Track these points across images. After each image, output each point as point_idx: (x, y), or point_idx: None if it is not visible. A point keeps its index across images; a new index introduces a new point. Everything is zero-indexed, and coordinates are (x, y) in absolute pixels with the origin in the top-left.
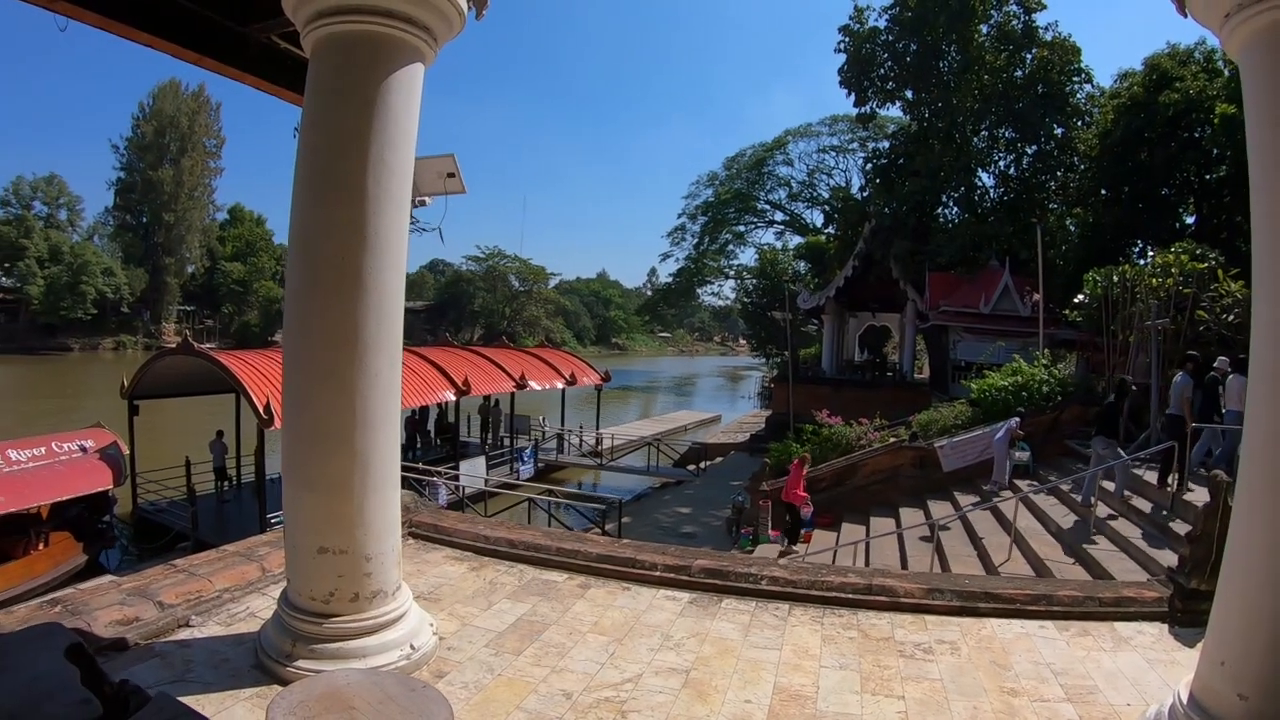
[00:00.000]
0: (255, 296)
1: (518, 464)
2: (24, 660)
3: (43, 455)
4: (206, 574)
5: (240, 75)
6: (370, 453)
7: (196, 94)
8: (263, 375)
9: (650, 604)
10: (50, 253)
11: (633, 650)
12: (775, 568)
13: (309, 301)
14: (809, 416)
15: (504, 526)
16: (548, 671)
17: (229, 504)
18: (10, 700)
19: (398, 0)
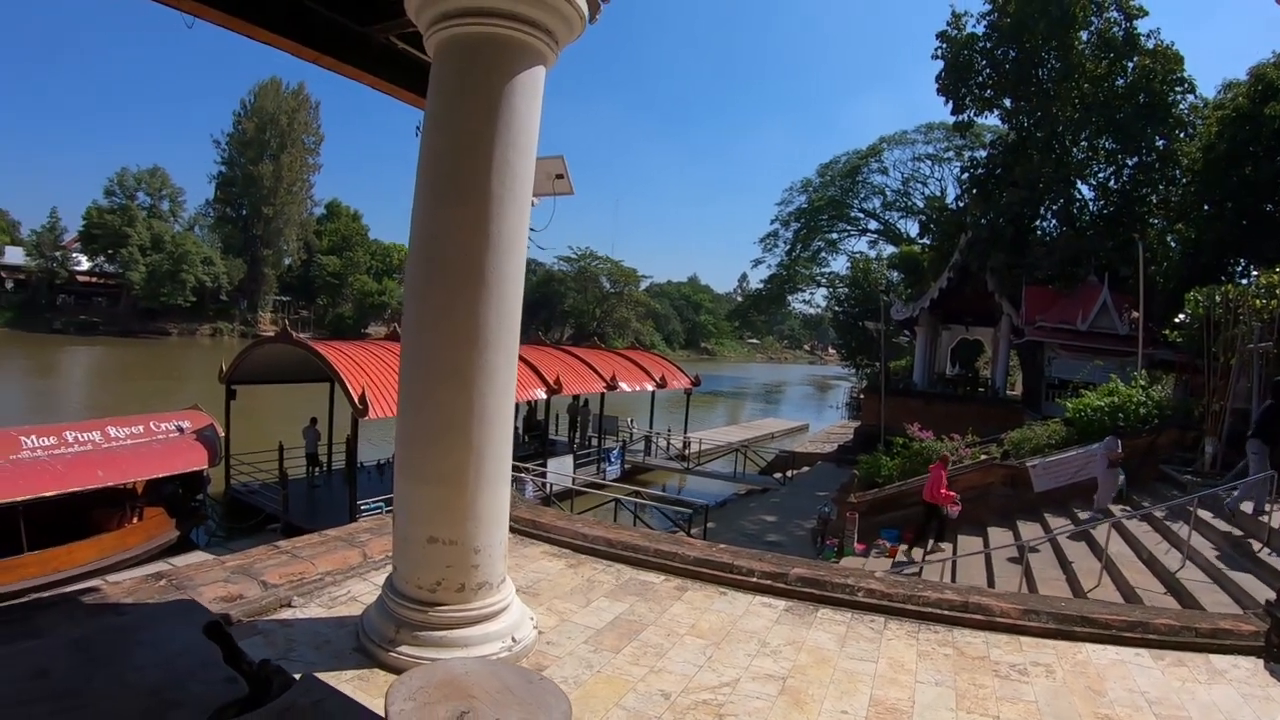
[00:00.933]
0: (350, 289)
1: (604, 464)
2: (162, 635)
3: (141, 434)
4: (309, 557)
5: (358, 74)
6: (485, 448)
7: (296, 92)
8: (359, 366)
9: (747, 610)
10: (152, 241)
11: (730, 655)
12: (872, 580)
13: (431, 299)
14: (899, 429)
15: (601, 525)
16: (646, 671)
17: (319, 489)
18: (154, 675)
19: (522, 3)
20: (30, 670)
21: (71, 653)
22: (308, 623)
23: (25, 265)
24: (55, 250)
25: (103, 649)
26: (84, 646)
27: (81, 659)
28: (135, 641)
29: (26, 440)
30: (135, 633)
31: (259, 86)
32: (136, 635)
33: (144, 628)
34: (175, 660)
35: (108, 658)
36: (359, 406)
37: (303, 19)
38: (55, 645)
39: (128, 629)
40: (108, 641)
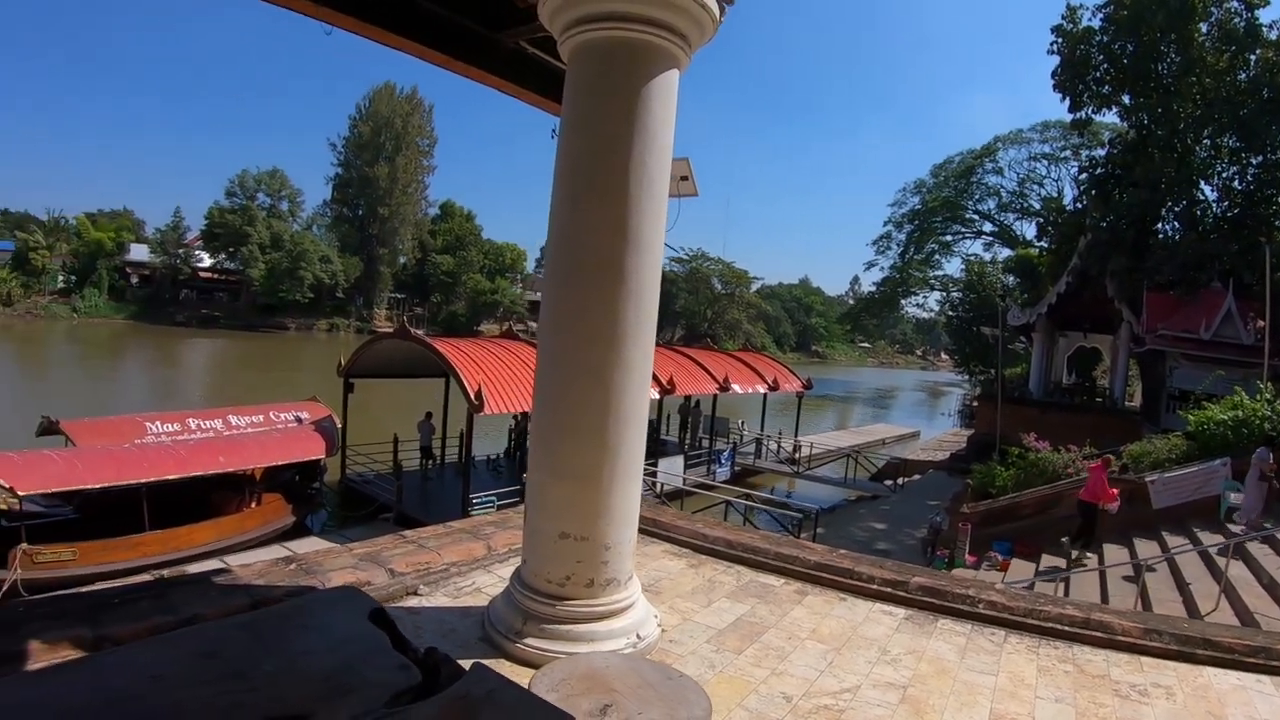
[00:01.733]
0: (463, 288)
1: (715, 465)
2: (327, 621)
3: (261, 423)
4: (435, 547)
5: (486, 78)
6: (620, 445)
7: (410, 97)
8: (475, 362)
9: (867, 616)
10: (272, 240)
11: (850, 661)
12: (992, 592)
13: (570, 297)
14: (1013, 438)
15: (722, 527)
16: (768, 673)
17: (432, 482)
18: (325, 660)
19: (656, 8)
20: (200, 650)
21: (239, 635)
22: (434, 611)
23: (150, 262)
24: (178, 248)
25: (270, 632)
26: (251, 629)
27: (249, 642)
28: (301, 626)
29: (151, 426)
30: (300, 617)
31: (374, 91)
32: (301, 620)
33: (308, 613)
34: (344, 646)
35: (276, 641)
36: (475, 402)
37: (434, 25)
38: (223, 627)
39: (292, 614)
40: (274, 625)
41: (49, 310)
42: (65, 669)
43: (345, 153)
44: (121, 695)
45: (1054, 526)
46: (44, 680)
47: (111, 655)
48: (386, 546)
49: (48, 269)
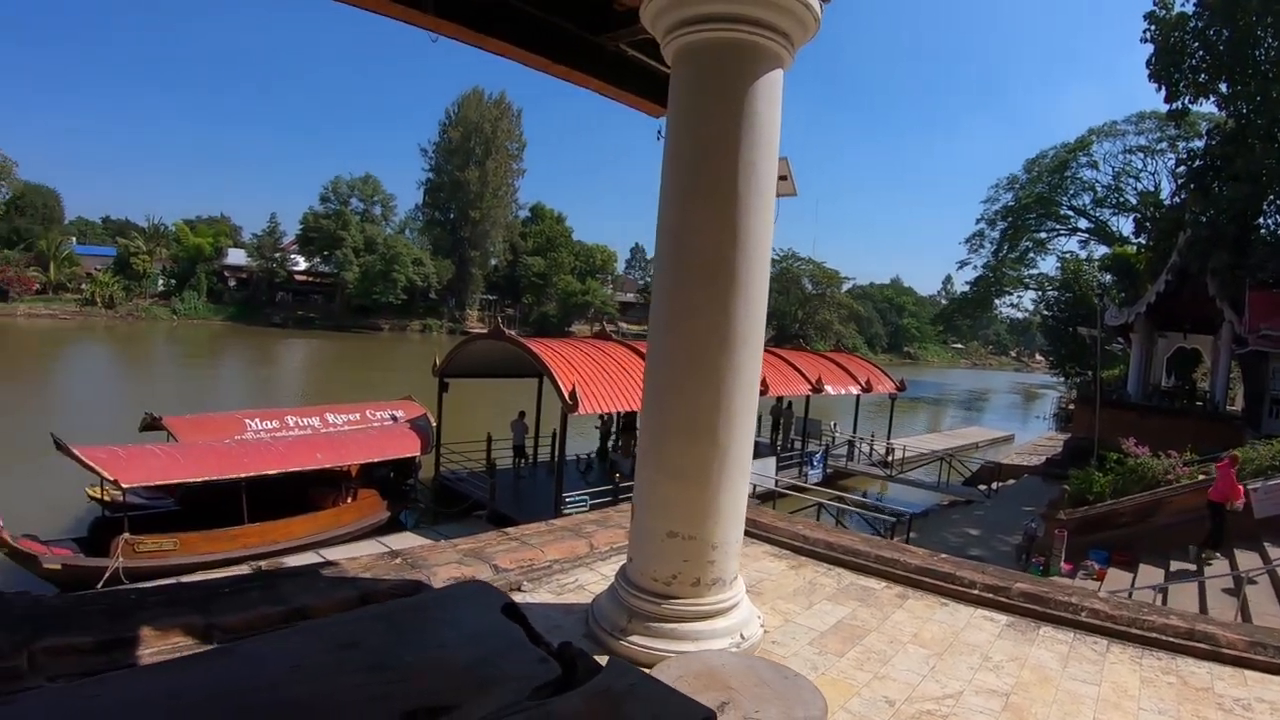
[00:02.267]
0: (554, 289)
1: (807, 468)
2: (460, 614)
3: (357, 420)
4: (538, 544)
5: (588, 81)
6: (730, 445)
7: (498, 101)
8: (569, 363)
9: (968, 622)
10: (365, 243)
11: (952, 666)
12: (1095, 600)
13: (680, 297)
14: (1111, 443)
15: (822, 529)
16: (870, 677)
17: (524, 480)
18: (468, 652)
19: (760, 8)
20: (341, 641)
21: (376, 626)
22: (538, 607)
23: (247, 266)
24: (274, 252)
25: (407, 625)
26: (388, 621)
27: (387, 633)
28: (438, 619)
29: (251, 423)
30: (436, 610)
31: (462, 97)
32: (437, 613)
33: (443, 605)
34: (482, 639)
35: (414, 634)
36: (569, 402)
37: (535, 30)
38: (360, 618)
39: (425, 606)
40: (411, 618)
41: (150, 312)
42: (208, 657)
43: (436, 158)
44: (265, 684)
45: (1154, 535)
46: (188, 667)
47: (252, 645)
48: (490, 543)
49: (148, 273)
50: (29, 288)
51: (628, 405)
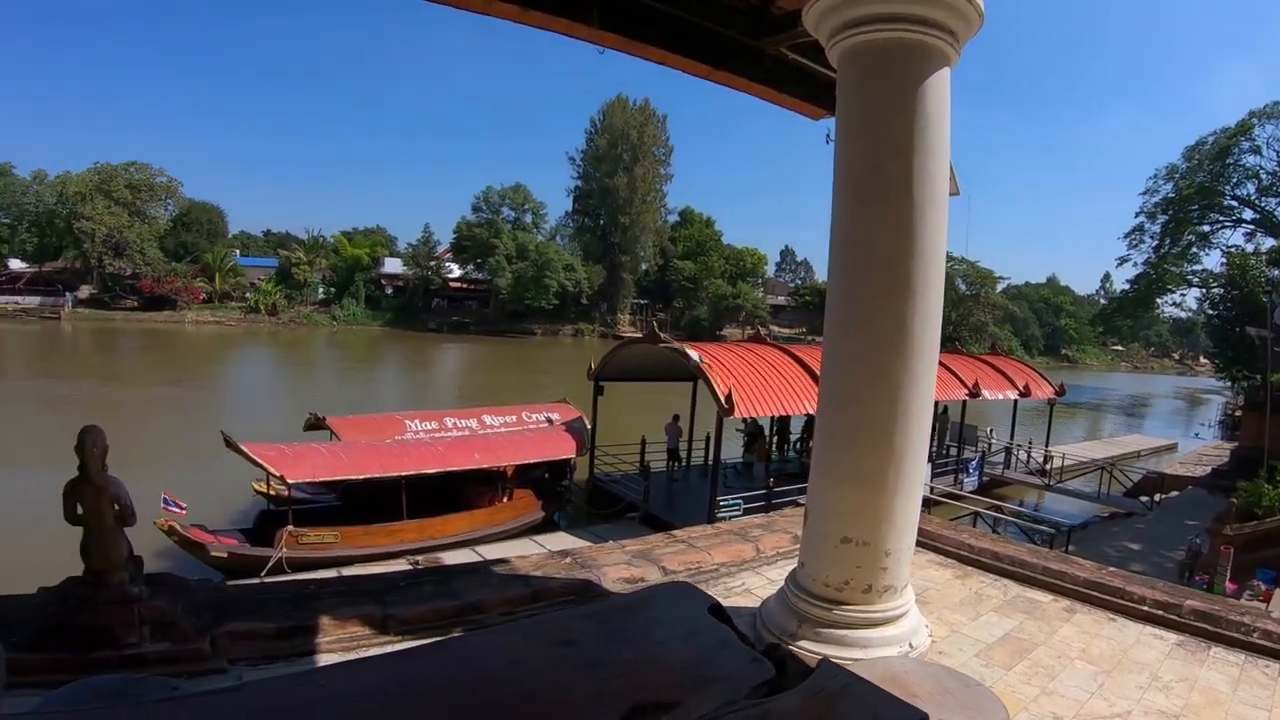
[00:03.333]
0: (704, 293)
1: (963, 475)
2: (668, 614)
3: (514, 423)
4: (705, 547)
5: (748, 86)
6: (905, 451)
7: (643, 108)
8: (724, 366)
9: (1137, 639)
10: (517, 250)
11: (1120, 684)
12: (1269, 621)
13: (856, 302)
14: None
15: (988, 538)
16: (1037, 692)
17: (678, 483)
18: (682, 651)
19: (925, 6)
20: (558, 639)
21: (590, 625)
22: None
23: (403, 274)
24: (429, 260)
25: (620, 624)
26: (601, 620)
27: (601, 632)
28: (649, 619)
29: (411, 424)
30: (646, 610)
31: (607, 105)
32: (646, 613)
33: (650, 606)
34: (694, 638)
35: (628, 632)
36: (725, 406)
37: (695, 38)
38: (574, 617)
39: (638, 606)
40: (623, 617)
41: (310, 319)
42: (425, 651)
43: (584, 165)
44: (487, 679)
45: None
46: (408, 659)
47: (468, 640)
48: (658, 545)
49: (309, 282)
50: (196, 297)
51: (783, 409)
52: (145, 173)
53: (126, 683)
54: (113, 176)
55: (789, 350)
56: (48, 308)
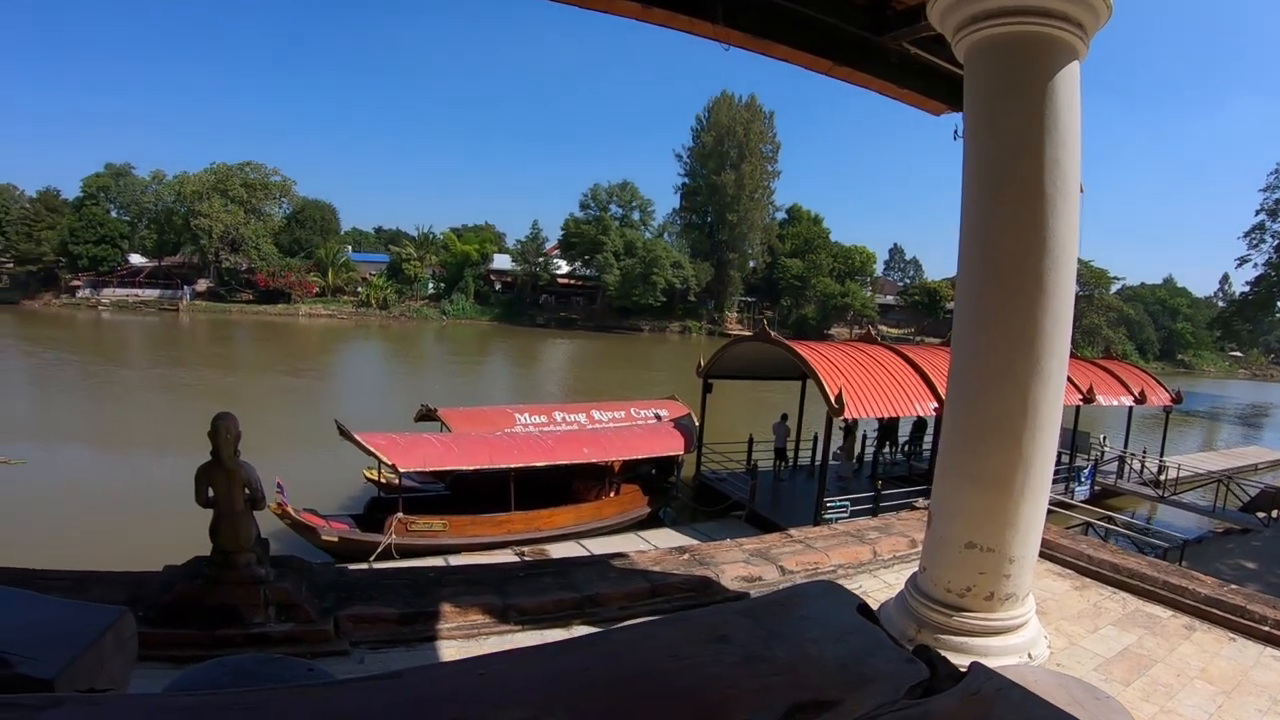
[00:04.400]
0: (812, 291)
1: (1074, 483)
2: (819, 612)
3: (622, 418)
4: (822, 548)
5: (870, 81)
6: (1033, 454)
7: (749, 105)
8: (835, 366)
9: (1257, 660)
10: (625, 247)
11: (1239, 706)
12: None
13: (985, 300)
14: None
15: (1107, 549)
16: (1156, 710)
17: (784, 483)
18: (836, 649)
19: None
20: (712, 635)
21: (742, 621)
22: None
23: (512, 270)
24: (538, 257)
25: (772, 621)
26: (753, 616)
27: (754, 628)
28: (799, 617)
29: (521, 417)
30: (796, 608)
31: (713, 102)
32: (798, 610)
33: (799, 604)
34: (847, 637)
35: (781, 630)
36: (834, 406)
37: (817, 34)
38: (724, 613)
39: (787, 603)
40: (774, 614)
41: (420, 313)
42: (578, 643)
43: (690, 162)
44: (645, 671)
45: None
46: (564, 651)
47: (628, 632)
48: (775, 544)
49: (419, 277)
50: (309, 291)
51: (892, 410)
52: (260, 172)
53: (263, 662)
54: (229, 176)
55: (899, 350)
56: (166, 300)
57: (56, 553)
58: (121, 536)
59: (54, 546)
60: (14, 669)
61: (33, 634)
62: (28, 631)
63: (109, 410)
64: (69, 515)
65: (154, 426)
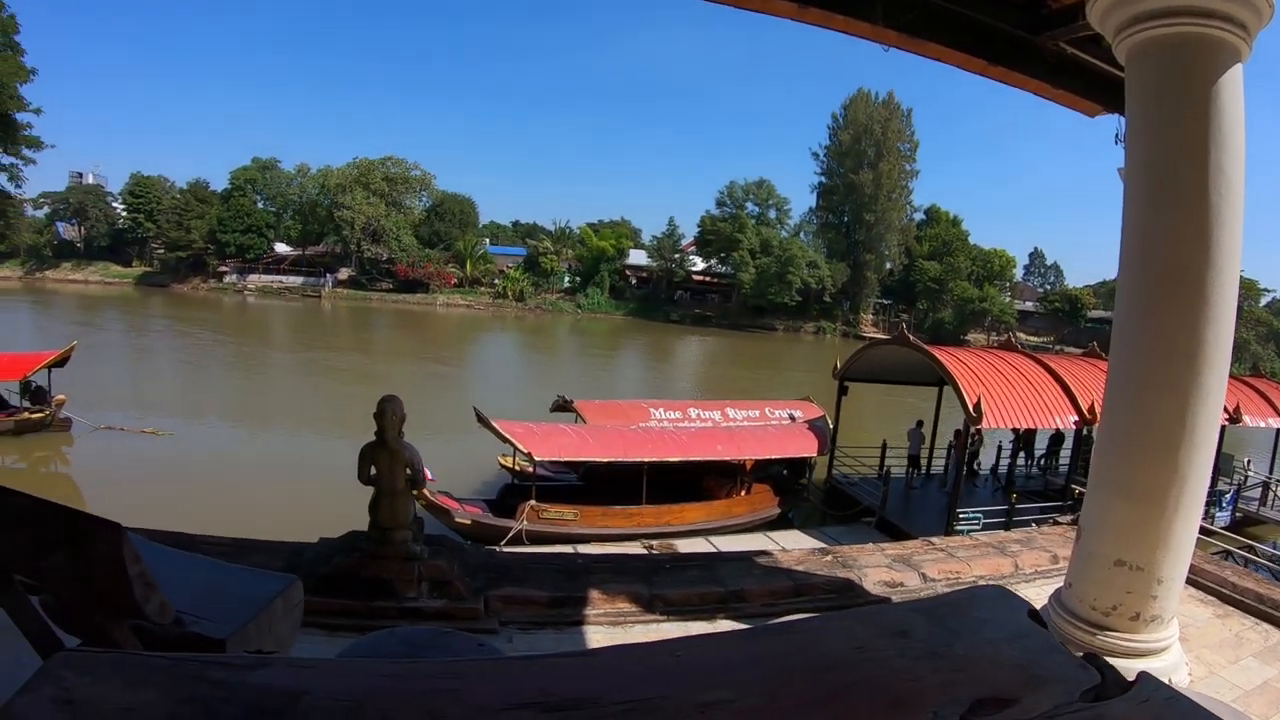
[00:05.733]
0: (949, 295)
1: (1215, 508)
2: (996, 614)
3: (756, 417)
4: (964, 558)
5: (1024, 82)
6: (1189, 471)
7: (886, 102)
8: (974, 373)
9: None
10: (761, 246)
11: None
12: None
13: (1146, 309)
14: None
15: (1252, 578)
16: None
17: (915, 490)
18: (1011, 650)
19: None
20: (892, 629)
21: (919, 618)
22: None
23: (647, 265)
24: (673, 253)
25: (947, 619)
26: (929, 614)
27: (931, 626)
28: (973, 618)
29: (656, 412)
30: (971, 608)
31: (849, 99)
32: (970, 612)
33: (973, 605)
34: (1020, 640)
35: (957, 629)
36: (973, 414)
37: (974, 33)
38: (901, 609)
39: (959, 604)
40: (949, 612)
41: (556, 306)
42: (775, 629)
43: (827, 161)
44: (834, 661)
45: None
46: (759, 636)
47: (811, 622)
48: (917, 550)
49: (555, 270)
50: (448, 282)
51: (1031, 421)
52: (401, 166)
53: (435, 635)
54: (370, 170)
55: (1040, 359)
56: (309, 287)
57: (200, 520)
58: (265, 508)
59: (197, 513)
60: (188, 628)
61: (209, 596)
62: (204, 594)
63: (257, 388)
64: (211, 485)
65: (296, 405)
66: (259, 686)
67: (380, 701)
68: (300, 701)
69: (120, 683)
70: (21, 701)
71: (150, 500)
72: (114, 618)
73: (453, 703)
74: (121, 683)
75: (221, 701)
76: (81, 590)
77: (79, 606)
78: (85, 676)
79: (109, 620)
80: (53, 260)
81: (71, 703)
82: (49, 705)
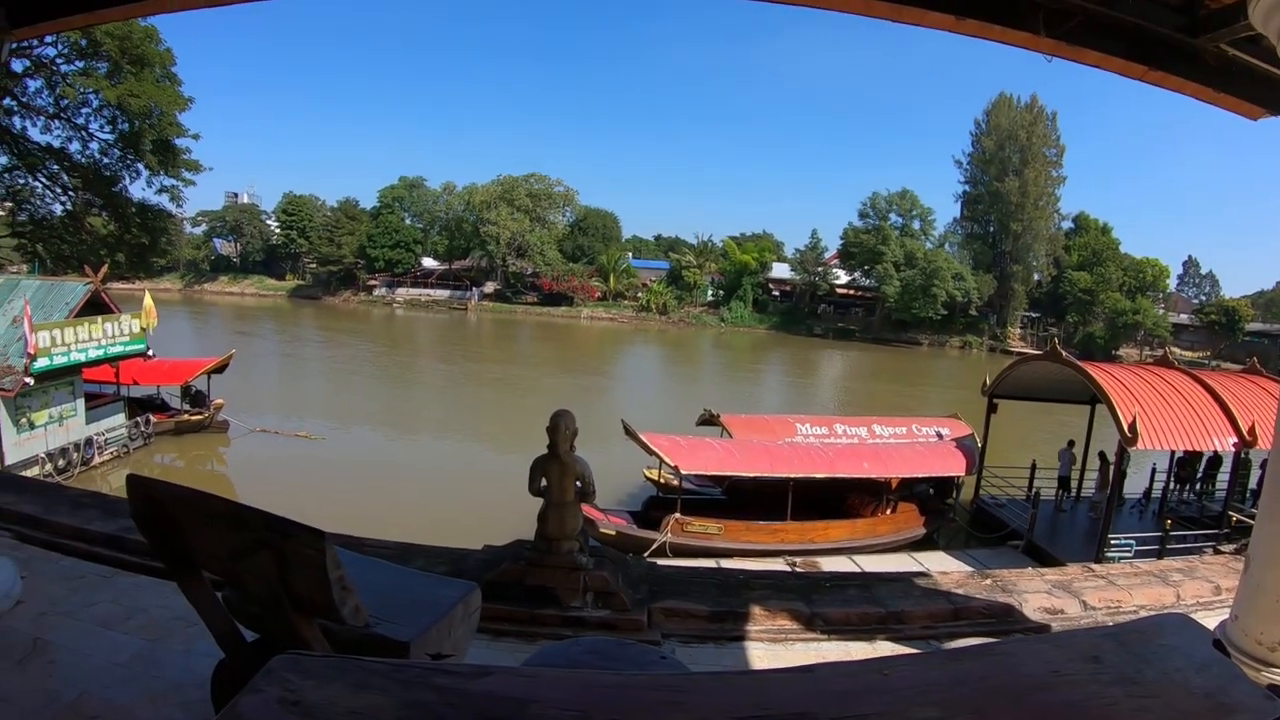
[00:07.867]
0: (1101, 307)
1: None
2: (1180, 643)
3: (903, 434)
4: (1125, 586)
5: (1183, 85)
6: None
7: (1030, 106)
8: (1130, 392)
9: None
10: (905, 258)
11: None
12: None
13: None
14: None
15: None
16: None
17: (1065, 514)
18: (1199, 679)
19: None
20: (1084, 654)
21: (1109, 644)
22: None
23: (790, 279)
24: (816, 266)
25: (1135, 647)
26: (1118, 640)
27: (1120, 651)
28: (1159, 645)
29: (801, 427)
30: (1154, 637)
31: (991, 104)
32: (1157, 640)
33: (1159, 634)
34: (1207, 670)
35: (1145, 655)
36: (1128, 435)
37: (1132, 39)
38: (1092, 635)
39: (1147, 631)
40: (1138, 639)
41: (699, 319)
42: (978, 650)
43: (971, 169)
44: (1030, 685)
45: None
46: (962, 657)
47: (1007, 645)
48: (1076, 577)
49: (698, 284)
50: (591, 295)
51: (1190, 443)
52: (544, 183)
53: (618, 646)
54: (514, 186)
55: (1198, 376)
56: (456, 300)
57: (352, 522)
58: (415, 513)
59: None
60: (373, 629)
61: (391, 599)
62: (387, 597)
63: (406, 395)
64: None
65: (444, 413)
66: (484, 694)
67: (607, 713)
68: (527, 710)
69: (346, 686)
70: (249, 702)
71: (302, 501)
72: (306, 617)
73: (678, 713)
74: (347, 686)
75: (449, 707)
76: (279, 590)
77: (271, 605)
78: (310, 679)
79: (301, 619)
80: (210, 274)
81: (299, 704)
82: (277, 706)
